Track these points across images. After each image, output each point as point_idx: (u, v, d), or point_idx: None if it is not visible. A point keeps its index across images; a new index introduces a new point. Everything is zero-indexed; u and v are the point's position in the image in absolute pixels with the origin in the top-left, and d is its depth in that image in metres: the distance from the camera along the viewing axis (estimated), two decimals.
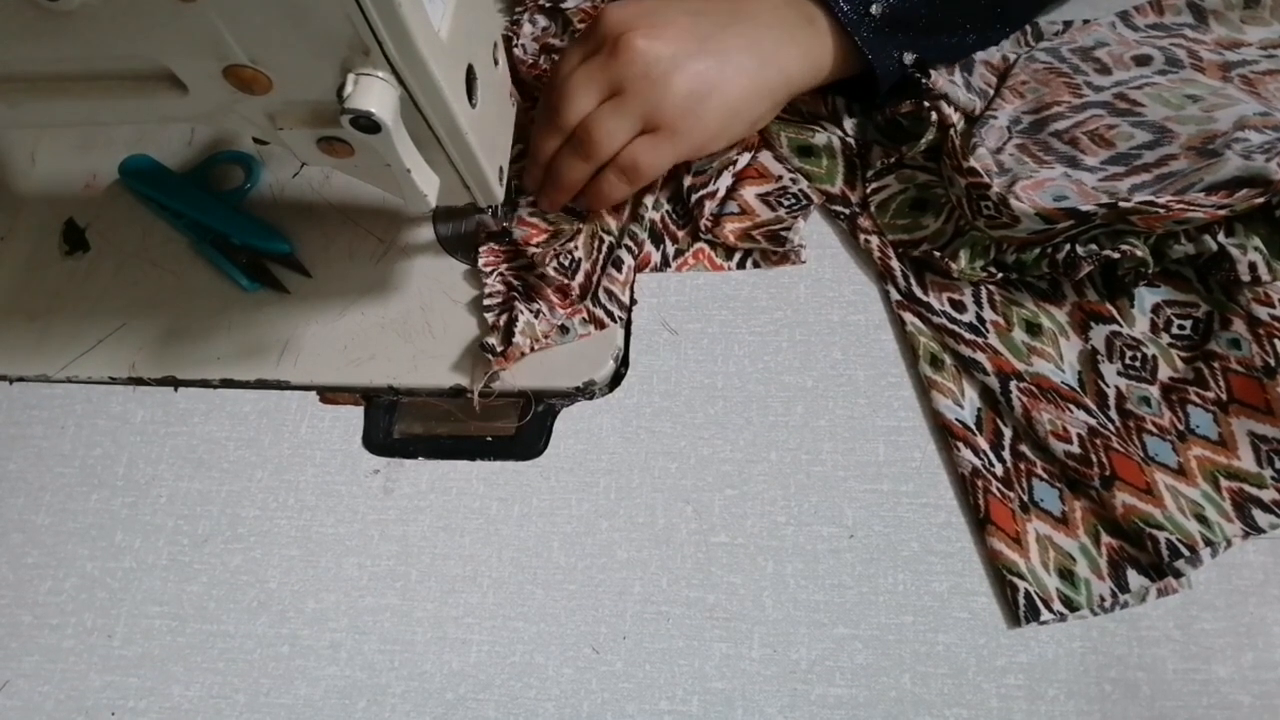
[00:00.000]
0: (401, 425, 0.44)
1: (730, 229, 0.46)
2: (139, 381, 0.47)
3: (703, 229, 0.46)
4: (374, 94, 0.30)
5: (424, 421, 0.44)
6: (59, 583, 0.42)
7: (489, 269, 0.45)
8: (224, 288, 0.48)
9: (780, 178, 0.47)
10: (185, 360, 0.46)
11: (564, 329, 0.43)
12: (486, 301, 0.44)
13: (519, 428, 0.43)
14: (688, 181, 0.46)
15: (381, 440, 0.44)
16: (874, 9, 0.43)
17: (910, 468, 0.41)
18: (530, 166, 0.45)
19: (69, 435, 0.46)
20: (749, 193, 0.47)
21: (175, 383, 0.46)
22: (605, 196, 0.44)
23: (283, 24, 0.28)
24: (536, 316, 0.43)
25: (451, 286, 0.47)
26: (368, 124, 0.30)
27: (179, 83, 0.32)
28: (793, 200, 0.47)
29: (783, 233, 0.45)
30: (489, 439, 0.43)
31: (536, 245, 0.45)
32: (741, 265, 0.46)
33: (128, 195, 0.52)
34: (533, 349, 0.43)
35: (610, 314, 0.44)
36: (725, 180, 0.46)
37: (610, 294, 0.44)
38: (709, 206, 0.46)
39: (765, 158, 0.48)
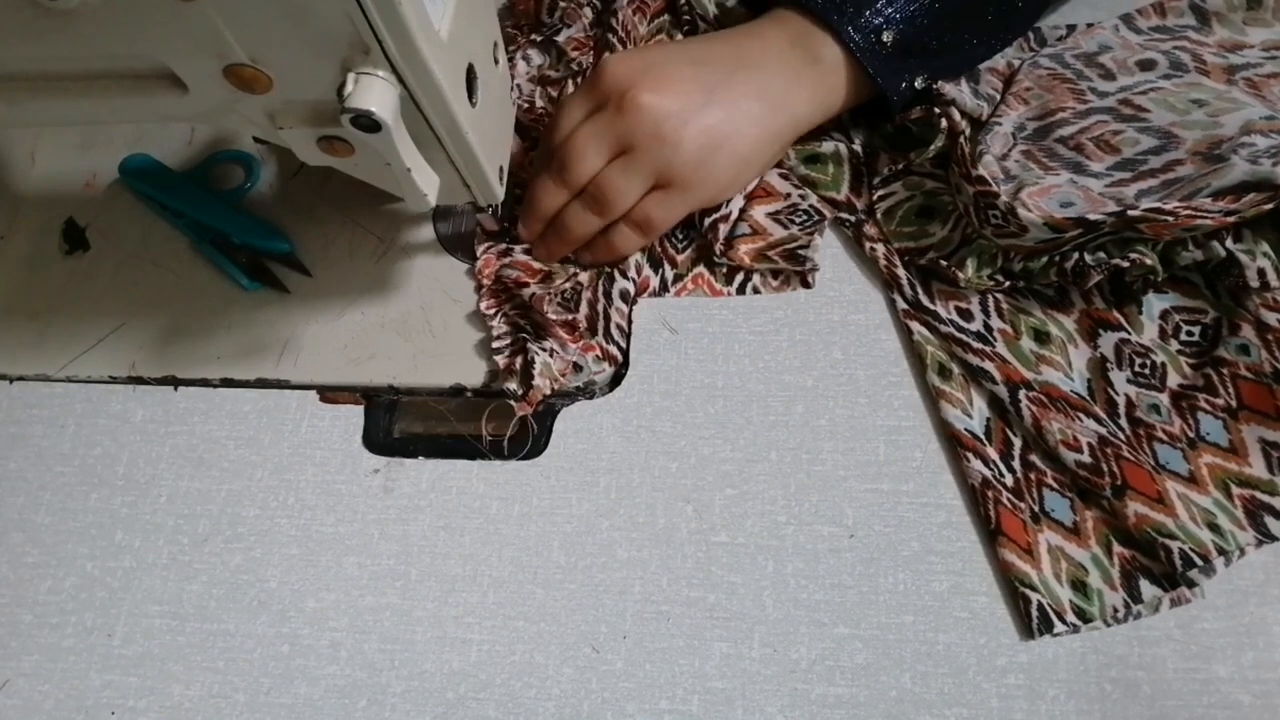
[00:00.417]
0: (402, 424, 0.44)
1: (744, 250, 0.45)
2: (139, 381, 0.47)
3: (717, 253, 0.45)
4: (374, 93, 0.30)
5: (424, 421, 0.44)
6: (59, 582, 0.42)
7: (492, 310, 0.44)
8: (224, 287, 0.48)
9: (789, 195, 0.47)
10: (185, 359, 0.46)
11: (578, 367, 0.43)
12: (495, 344, 0.44)
13: (519, 427, 0.43)
14: None
15: (382, 439, 0.44)
16: (885, 37, 0.42)
17: (910, 467, 0.41)
18: (528, 219, 0.44)
19: (69, 434, 0.46)
20: (758, 212, 0.46)
21: (175, 382, 0.46)
22: (616, 251, 0.44)
23: (283, 23, 0.28)
24: (551, 355, 0.42)
25: (452, 286, 0.47)
26: (368, 123, 0.30)
27: (179, 82, 0.32)
28: (804, 217, 0.46)
29: (800, 251, 0.45)
30: (489, 438, 0.43)
31: (532, 283, 0.44)
32: (741, 291, 0.45)
33: (128, 194, 0.52)
34: (553, 390, 0.43)
35: (621, 349, 0.44)
36: (737, 203, 0.45)
37: (620, 328, 0.44)
38: (723, 230, 0.45)
39: (772, 176, 0.47)
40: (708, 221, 0.45)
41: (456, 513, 0.42)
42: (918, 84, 0.44)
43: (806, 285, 0.45)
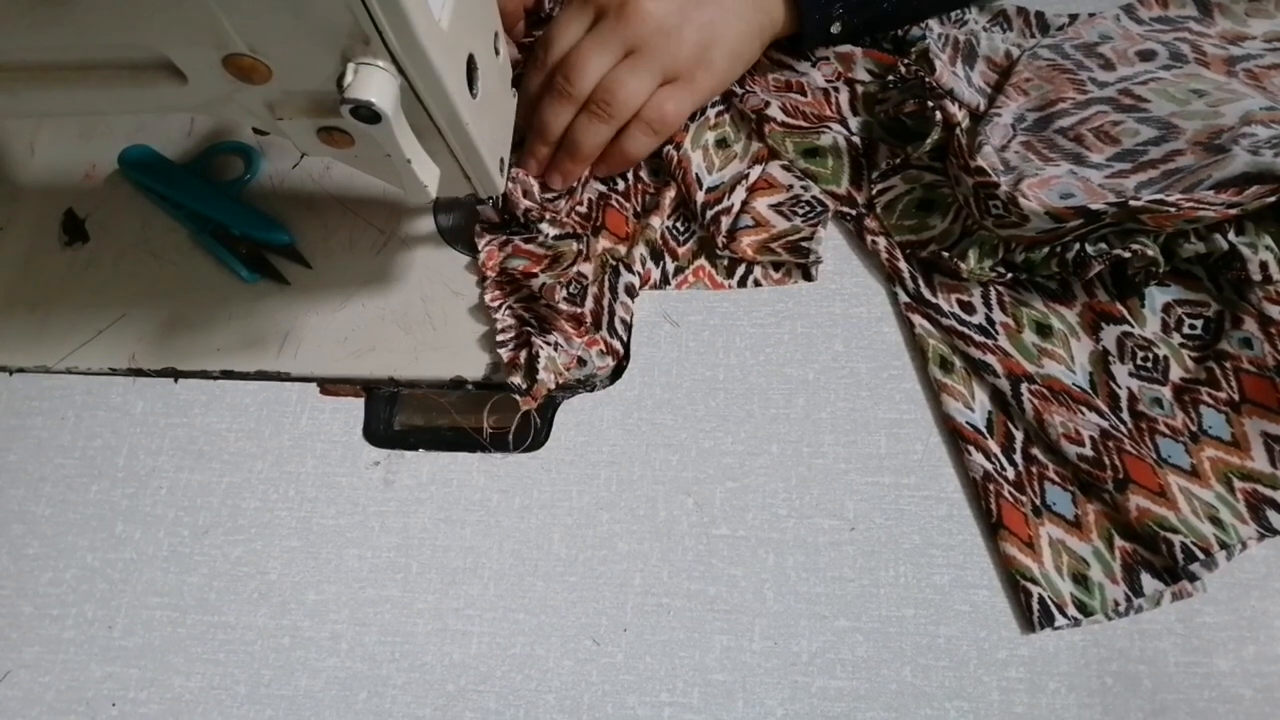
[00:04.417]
0: (402, 417, 0.44)
1: (747, 242, 0.45)
2: (139, 373, 0.46)
3: (720, 245, 0.45)
4: (374, 83, 0.29)
5: (425, 413, 0.44)
6: (59, 574, 0.42)
7: (496, 303, 0.44)
8: (224, 279, 0.48)
9: (790, 186, 0.47)
10: (185, 351, 0.46)
11: (582, 361, 0.43)
12: (500, 337, 0.43)
13: (520, 420, 0.43)
14: (701, 198, 0.45)
15: (382, 432, 0.44)
16: None
17: (912, 460, 0.41)
18: (535, 145, 0.45)
19: (69, 426, 0.45)
20: (761, 204, 0.46)
21: (175, 374, 0.46)
22: (630, 156, 0.45)
23: (282, 12, 0.28)
24: (555, 350, 0.42)
25: (452, 278, 0.46)
26: (368, 114, 0.30)
27: (178, 72, 0.32)
28: (807, 208, 0.46)
29: (803, 243, 0.44)
30: (490, 431, 0.43)
31: (540, 273, 0.44)
32: (742, 284, 0.45)
33: (127, 186, 0.52)
34: (557, 384, 0.43)
35: (623, 341, 0.44)
36: (739, 195, 0.45)
37: (624, 322, 0.44)
38: (725, 223, 0.45)
39: (774, 168, 0.47)
40: (710, 214, 0.45)
41: (457, 505, 0.42)
42: (834, 30, 0.47)
43: (808, 278, 0.45)
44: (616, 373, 0.44)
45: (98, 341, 0.47)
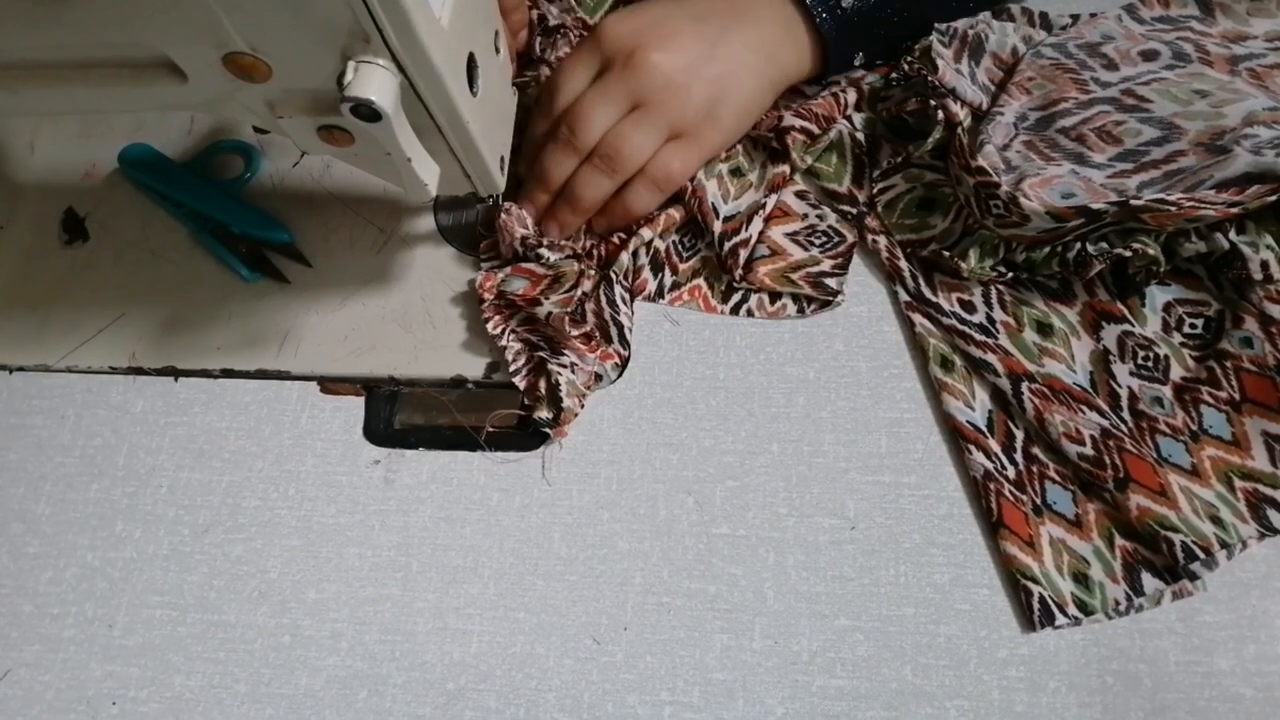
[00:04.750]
0: (402, 416, 0.44)
1: (764, 272, 0.44)
2: (139, 371, 0.46)
3: (736, 279, 0.44)
4: (374, 82, 0.29)
5: (425, 412, 0.44)
6: (60, 572, 0.42)
7: (498, 329, 0.43)
8: (224, 278, 0.48)
9: (805, 215, 0.46)
10: (185, 350, 0.46)
11: (599, 376, 0.42)
12: (511, 366, 0.42)
13: (520, 419, 0.43)
14: (718, 228, 0.44)
15: (382, 431, 0.44)
16: (845, 2, 0.44)
17: (912, 459, 0.41)
18: (535, 193, 0.44)
19: (69, 425, 0.45)
20: (776, 233, 0.46)
21: (175, 373, 0.46)
22: (632, 211, 0.44)
23: (282, 11, 0.28)
24: (572, 370, 0.42)
25: (452, 277, 0.46)
26: (368, 112, 0.30)
27: (178, 71, 0.31)
28: (824, 238, 0.45)
29: (825, 279, 0.44)
30: (490, 430, 0.43)
31: (540, 296, 0.42)
32: (735, 311, 0.45)
33: (127, 184, 0.52)
34: (582, 406, 0.42)
35: (627, 344, 0.43)
36: (756, 225, 0.44)
37: (630, 329, 0.43)
38: (743, 255, 0.44)
39: (788, 195, 0.47)
40: (728, 245, 0.44)
41: (457, 504, 0.42)
42: (856, 62, 0.47)
43: (802, 313, 0.44)
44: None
45: (98, 340, 0.47)
